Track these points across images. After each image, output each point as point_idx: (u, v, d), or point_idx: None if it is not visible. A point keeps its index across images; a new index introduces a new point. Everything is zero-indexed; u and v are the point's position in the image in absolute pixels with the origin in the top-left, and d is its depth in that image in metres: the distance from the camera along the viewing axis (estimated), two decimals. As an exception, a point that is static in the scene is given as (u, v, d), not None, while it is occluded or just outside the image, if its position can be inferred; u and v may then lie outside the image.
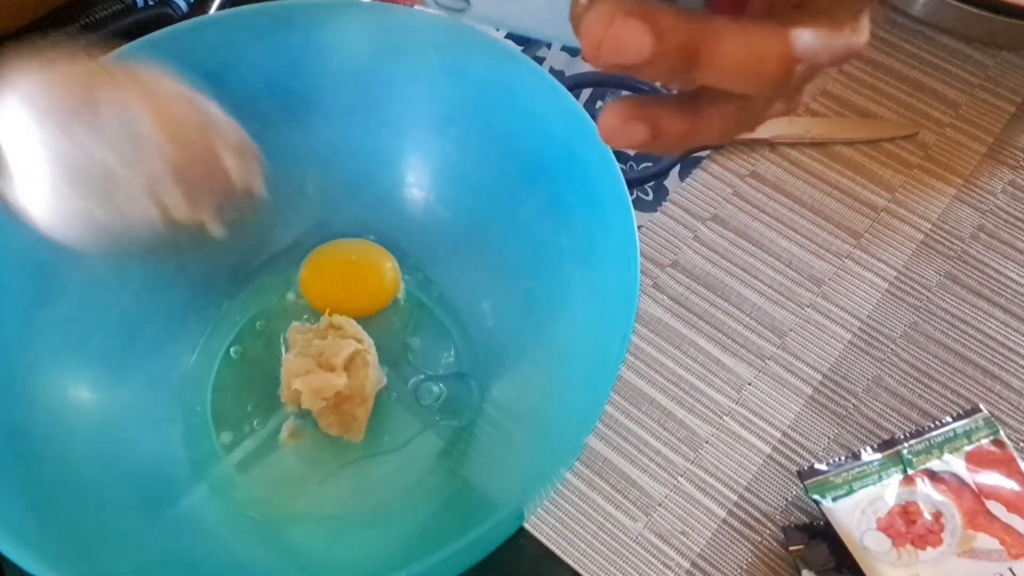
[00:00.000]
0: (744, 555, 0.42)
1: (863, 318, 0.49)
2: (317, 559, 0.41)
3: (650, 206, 0.52)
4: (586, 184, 0.41)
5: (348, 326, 0.44)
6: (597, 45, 0.21)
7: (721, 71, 0.21)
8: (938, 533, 0.40)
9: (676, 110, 0.23)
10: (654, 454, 0.44)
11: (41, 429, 0.39)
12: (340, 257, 0.49)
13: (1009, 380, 0.47)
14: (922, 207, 0.52)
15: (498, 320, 0.46)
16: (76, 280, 0.43)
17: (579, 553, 0.42)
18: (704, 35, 0.21)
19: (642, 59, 0.21)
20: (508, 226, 0.46)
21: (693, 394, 0.46)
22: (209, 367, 0.46)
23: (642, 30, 0.20)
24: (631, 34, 0.20)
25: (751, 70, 0.21)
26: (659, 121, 0.23)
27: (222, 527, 0.42)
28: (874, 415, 0.46)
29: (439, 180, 0.48)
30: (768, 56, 0.21)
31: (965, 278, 0.50)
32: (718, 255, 0.50)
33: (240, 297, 0.48)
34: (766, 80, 0.21)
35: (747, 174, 0.53)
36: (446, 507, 0.42)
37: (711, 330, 0.48)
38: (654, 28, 0.20)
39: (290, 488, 0.43)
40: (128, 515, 0.39)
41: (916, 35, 0.59)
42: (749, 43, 0.21)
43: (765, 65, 0.21)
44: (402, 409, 0.45)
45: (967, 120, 0.55)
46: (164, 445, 0.43)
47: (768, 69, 0.21)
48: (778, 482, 0.44)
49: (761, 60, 0.21)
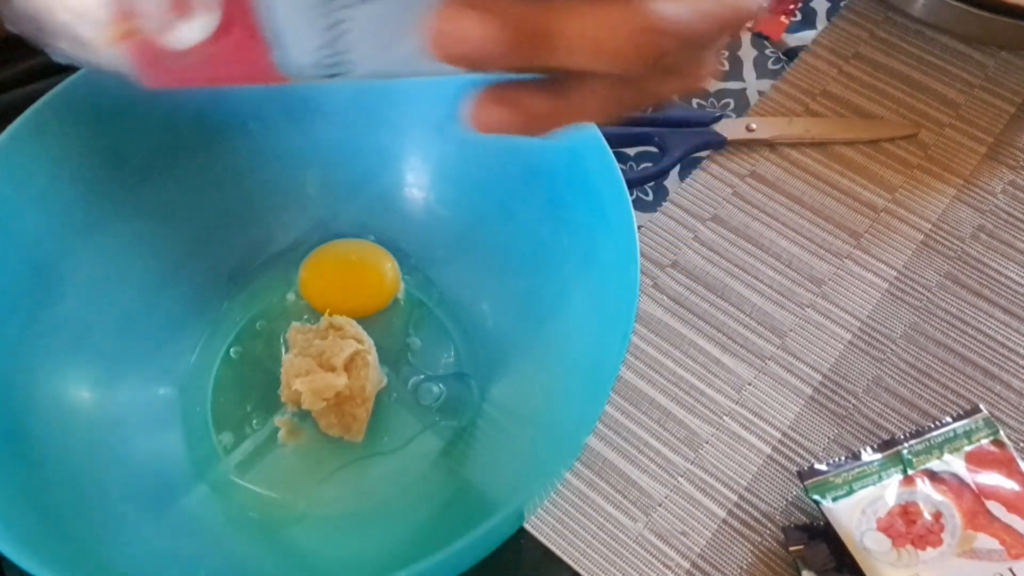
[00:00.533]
0: (744, 555, 0.42)
1: (863, 318, 0.49)
2: (317, 559, 0.41)
3: (650, 206, 0.52)
4: (586, 184, 0.41)
5: (348, 326, 0.44)
6: (440, 38, 0.20)
7: (574, 53, 0.20)
8: (938, 533, 0.40)
9: (542, 91, 0.22)
10: (654, 454, 0.44)
11: (41, 429, 0.39)
12: (340, 257, 0.49)
13: (1009, 380, 0.47)
14: (922, 207, 0.52)
15: (498, 320, 0.46)
16: (76, 280, 0.43)
17: (579, 553, 0.42)
18: (551, 16, 0.20)
19: (488, 49, 0.20)
20: (508, 226, 0.46)
21: (693, 394, 0.46)
22: (209, 367, 0.46)
23: (483, 18, 0.19)
24: (471, 24, 0.19)
25: (606, 49, 0.20)
26: (524, 103, 0.22)
27: (222, 527, 0.42)
28: (874, 415, 0.46)
29: (439, 180, 0.48)
30: (622, 32, 0.20)
31: (965, 278, 0.50)
32: (718, 255, 0.50)
33: (240, 297, 0.48)
34: (625, 58, 0.20)
35: (747, 174, 0.53)
36: (446, 507, 0.42)
37: (711, 330, 0.48)
38: (496, 15, 0.19)
39: (290, 488, 0.43)
40: (128, 515, 0.39)
41: (916, 35, 0.59)
42: (599, 20, 0.20)
43: (621, 42, 0.20)
44: (402, 409, 0.45)
45: (967, 120, 0.55)
46: (164, 445, 0.43)
47: (625, 46, 0.20)
48: (778, 482, 0.44)
49: (615, 37, 0.20)
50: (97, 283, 0.43)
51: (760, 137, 0.54)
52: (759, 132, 0.54)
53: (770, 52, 0.59)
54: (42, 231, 0.41)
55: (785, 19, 0.60)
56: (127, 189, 0.44)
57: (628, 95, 0.23)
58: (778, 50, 0.59)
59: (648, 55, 0.20)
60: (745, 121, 0.54)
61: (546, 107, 0.22)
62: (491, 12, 0.20)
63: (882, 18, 0.60)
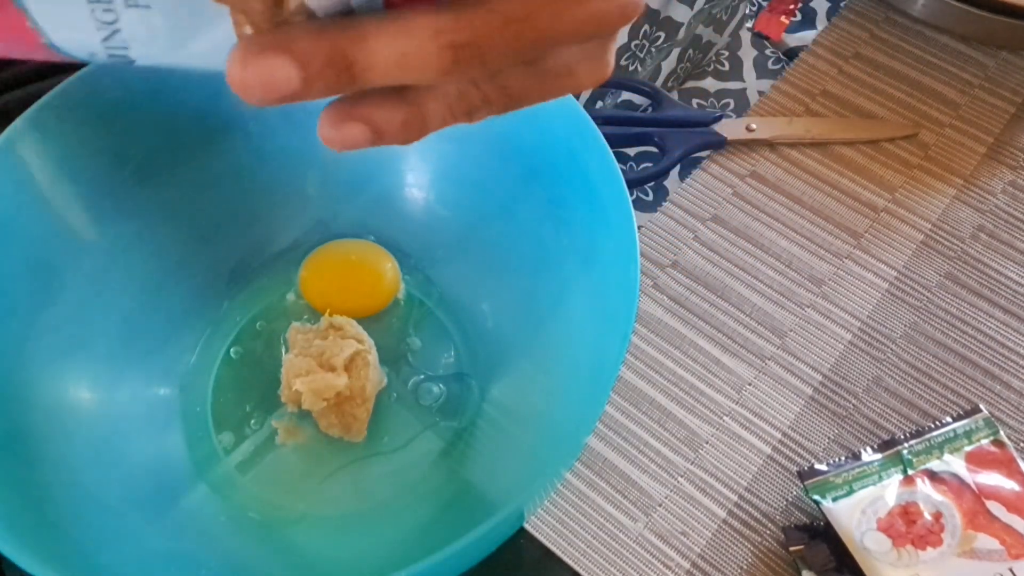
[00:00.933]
0: (744, 555, 0.42)
1: (863, 318, 0.49)
2: (317, 559, 0.41)
3: (650, 206, 0.52)
4: (586, 184, 0.41)
5: (348, 326, 0.44)
6: (245, 90, 0.19)
7: (383, 74, 0.19)
8: (938, 533, 0.40)
9: (390, 101, 0.21)
10: (654, 454, 0.44)
11: (41, 429, 0.39)
12: (340, 257, 0.49)
13: (1009, 380, 0.47)
14: (922, 207, 0.52)
15: (498, 320, 0.46)
16: (76, 280, 0.43)
17: (579, 553, 0.42)
18: (349, 44, 0.19)
19: (295, 88, 0.19)
20: (508, 226, 0.46)
21: (693, 394, 0.46)
22: (209, 367, 0.46)
23: (282, 61, 0.19)
24: (270, 70, 0.19)
25: (418, 66, 0.19)
26: (375, 118, 0.21)
27: (222, 527, 0.42)
28: (874, 415, 0.46)
29: (439, 180, 0.48)
30: (430, 47, 0.19)
31: (965, 278, 0.50)
32: (718, 255, 0.50)
33: (240, 297, 0.48)
34: (443, 69, 0.19)
35: (747, 174, 0.53)
36: (446, 507, 0.42)
37: (711, 330, 0.48)
38: (294, 56, 0.19)
39: (290, 488, 0.43)
40: (128, 515, 0.39)
41: (916, 35, 0.59)
42: (398, 37, 0.19)
43: (432, 57, 0.19)
44: (402, 409, 0.45)
45: (967, 120, 0.56)
46: (164, 445, 0.43)
47: (439, 59, 0.19)
48: (778, 482, 0.44)
49: (423, 53, 0.19)
50: (97, 283, 0.43)
51: (760, 137, 0.54)
52: (759, 132, 0.54)
53: (770, 52, 0.59)
54: (42, 231, 0.41)
55: (785, 19, 0.60)
56: (127, 189, 0.44)
57: (488, 91, 0.22)
58: (778, 50, 0.59)
59: (471, 62, 0.19)
60: (745, 121, 0.54)
61: (400, 117, 0.21)
62: (288, 52, 0.19)
63: (882, 18, 0.60)
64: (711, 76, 0.58)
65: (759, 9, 0.61)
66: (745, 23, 0.60)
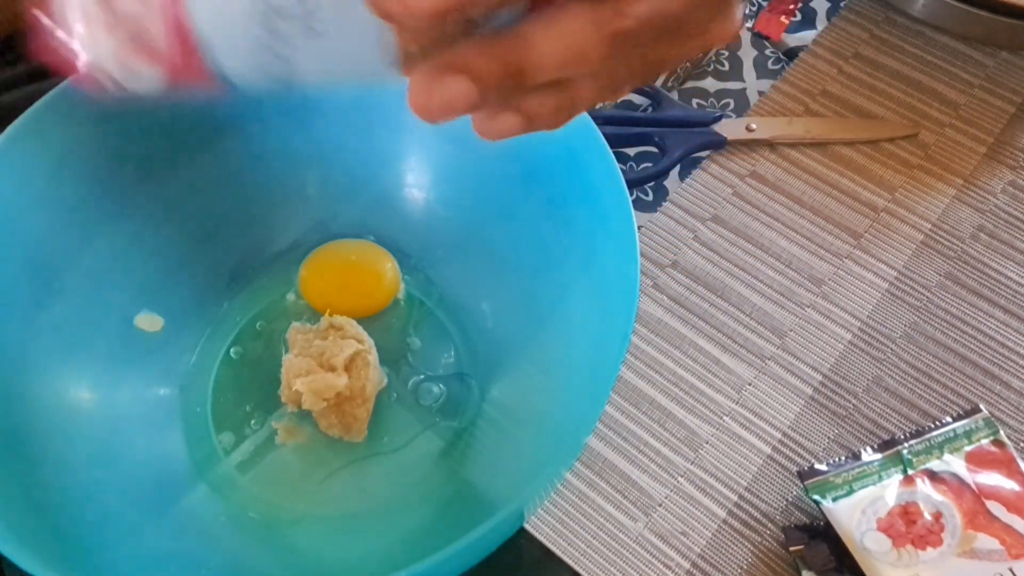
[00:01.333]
0: (744, 555, 0.42)
1: (863, 318, 0.49)
2: (317, 559, 0.41)
3: (650, 206, 0.52)
4: (586, 184, 0.41)
5: (348, 326, 0.44)
6: (430, 114, 0.21)
7: (552, 73, 0.21)
8: (938, 533, 0.40)
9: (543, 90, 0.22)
10: (654, 454, 0.44)
11: (41, 429, 0.39)
12: (340, 257, 0.49)
13: (1009, 380, 0.47)
14: (922, 207, 0.52)
15: (498, 320, 0.46)
16: (76, 280, 0.43)
17: (579, 553, 0.42)
18: (517, 52, 0.20)
19: (472, 103, 0.20)
20: (508, 226, 0.46)
21: (693, 394, 0.46)
22: (209, 367, 0.46)
23: (460, 81, 0.20)
24: (452, 92, 0.20)
25: (580, 59, 0.20)
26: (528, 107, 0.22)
27: (222, 527, 0.42)
28: (874, 415, 0.46)
29: (439, 180, 0.48)
30: (591, 40, 0.20)
31: (965, 278, 0.50)
32: (718, 255, 0.50)
33: (240, 297, 0.48)
34: (602, 55, 0.20)
35: (747, 174, 0.53)
36: (446, 507, 0.42)
37: (711, 330, 0.48)
38: (471, 74, 0.20)
39: (290, 488, 0.43)
40: (128, 515, 0.39)
41: (916, 35, 0.59)
42: (564, 37, 0.20)
43: (591, 48, 0.20)
44: (402, 409, 0.45)
45: (967, 120, 0.56)
46: (164, 445, 0.43)
47: (597, 49, 0.20)
48: (778, 482, 0.44)
49: (585, 46, 0.20)
50: (97, 283, 0.43)
51: (760, 137, 0.54)
52: (759, 132, 0.54)
53: (770, 52, 0.59)
54: (42, 231, 0.41)
55: (785, 19, 0.60)
56: (127, 189, 0.44)
57: (635, 66, 0.22)
58: (778, 50, 0.59)
59: (628, 44, 0.20)
60: (745, 121, 0.54)
61: (552, 103, 0.22)
62: (463, 70, 0.20)
63: (882, 18, 0.60)
64: (711, 76, 0.58)
65: (759, 9, 0.61)
66: (745, 23, 0.60)
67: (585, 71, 0.21)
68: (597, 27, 0.20)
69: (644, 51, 0.22)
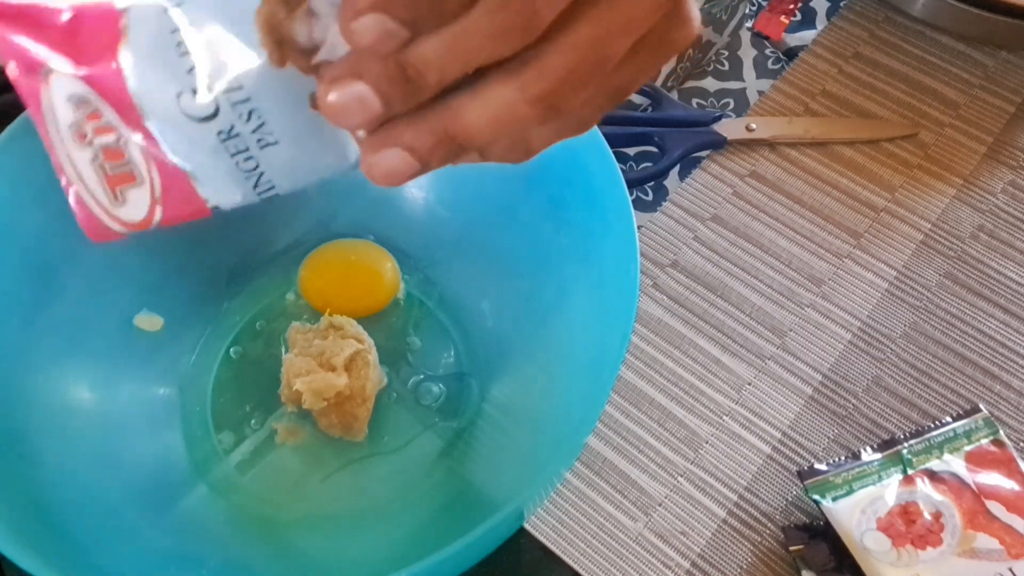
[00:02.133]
0: (744, 555, 0.42)
1: (863, 318, 0.49)
2: (317, 559, 0.41)
3: (650, 206, 0.52)
4: (586, 184, 0.41)
5: (348, 326, 0.44)
6: (377, 182, 0.22)
7: (487, 136, 0.21)
8: (938, 533, 0.40)
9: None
10: (654, 454, 0.44)
11: (41, 429, 0.39)
12: (340, 257, 0.49)
13: (1009, 380, 0.47)
14: (922, 207, 0.52)
15: (498, 320, 0.46)
16: (76, 280, 0.43)
17: (579, 553, 0.42)
18: (448, 123, 0.21)
19: (415, 171, 0.21)
20: (508, 226, 0.46)
21: (693, 394, 0.46)
22: (209, 367, 0.46)
23: (395, 155, 0.21)
24: (390, 163, 0.21)
25: (513, 122, 0.21)
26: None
27: (222, 527, 0.42)
28: (874, 415, 0.46)
29: (439, 180, 0.48)
30: (517, 106, 0.20)
31: (965, 278, 0.50)
32: (718, 255, 0.50)
33: (240, 297, 0.48)
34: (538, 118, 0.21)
35: (747, 174, 0.53)
36: (446, 507, 0.42)
37: (711, 330, 0.48)
38: (406, 147, 0.21)
39: (290, 488, 0.43)
40: (128, 515, 0.39)
41: (916, 35, 0.59)
42: (488, 106, 0.20)
43: (521, 113, 0.20)
44: (402, 409, 0.45)
45: (967, 120, 0.56)
46: (164, 445, 0.43)
47: (529, 112, 0.20)
48: (778, 482, 0.44)
49: (514, 112, 0.20)
50: (97, 283, 0.43)
51: (760, 137, 0.54)
52: (759, 132, 0.54)
53: (770, 52, 0.59)
54: (42, 231, 0.41)
55: (785, 19, 0.60)
56: (127, 189, 0.44)
57: (597, 102, 0.22)
58: (778, 50, 0.59)
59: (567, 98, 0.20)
60: (745, 121, 0.54)
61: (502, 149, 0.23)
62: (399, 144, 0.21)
63: (882, 18, 0.60)
64: (711, 76, 0.58)
65: (759, 9, 0.61)
66: (745, 23, 0.60)
67: (528, 128, 0.21)
68: (521, 93, 0.20)
69: (598, 86, 0.22)
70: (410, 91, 0.20)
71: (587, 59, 0.20)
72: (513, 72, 0.20)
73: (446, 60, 0.20)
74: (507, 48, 0.20)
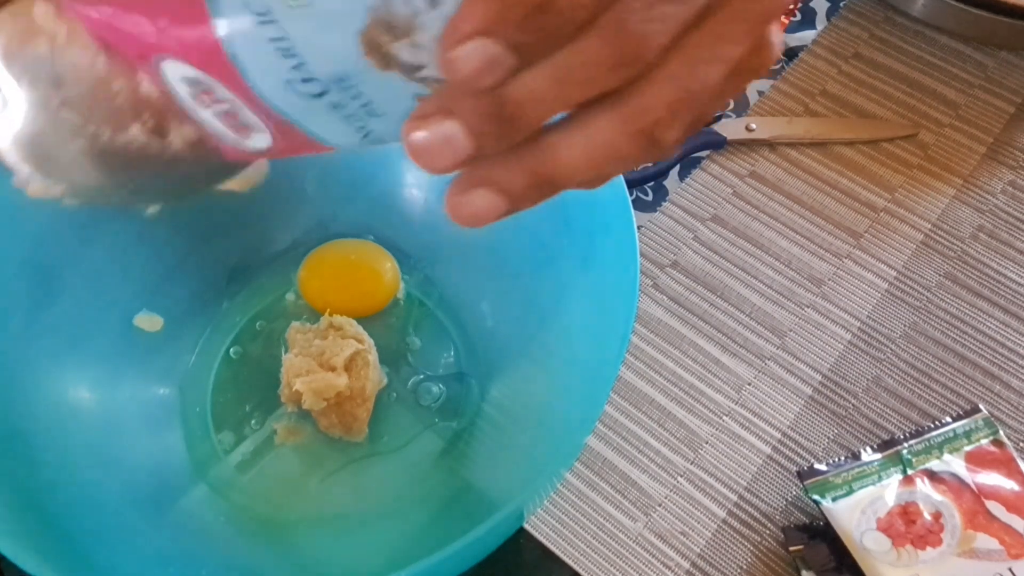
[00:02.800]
0: (744, 555, 0.42)
1: (863, 318, 0.49)
2: (317, 559, 0.41)
3: (650, 206, 0.52)
4: (586, 184, 0.41)
5: (348, 326, 0.44)
6: (462, 223, 0.21)
7: (584, 174, 0.20)
8: (938, 533, 0.40)
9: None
10: (654, 454, 0.44)
11: (41, 429, 0.39)
12: (340, 257, 0.49)
13: (1009, 380, 0.47)
14: (922, 207, 0.52)
15: (498, 320, 0.46)
16: (76, 280, 0.43)
17: (579, 553, 0.42)
18: (543, 164, 0.20)
19: (503, 213, 0.21)
20: (508, 226, 0.45)
21: (693, 394, 0.46)
22: (209, 367, 0.46)
23: (485, 196, 0.20)
24: (479, 205, 0.21)
25: (612, 158, 0.20)
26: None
27: (222, 527, 0.42)
28: (874, 415, 0.46)
29: (439, 180, 0.48)
30: (617, 141, 0.19)
31: (965, 278, 0.50)
32: (718, 255, 0.50)
33: (240, 297, 0.48)
34: (638, 154, 0.20)
35: (747, 174, 0.53)
36: (446, 507, 0.42)
37: (711, 330, 0.48)
38: (497, 187, 0.20)
39: (290, 488, 0.43)
40: (128, 515, 0.39)
41: (916, 35, 0.59)
42: (588, 143, 0.20)
43: (620, 148, 0.20)
44: (402, 409, 0.45)
45: (967, 120, 0.55)
46: (164, 445, 0.43)
47: (629, 147, 0.20)
48: (778, 482, 0.44)
49: (613, 147, 0.20)
50: (97, 283, 0.43)
51: (760, 137, 0.54)
52: (759, 132, 0.54)
53: (770, 52, 0.59)
54: (42, 231, 0.41)
55: (785, 19, 0.60)
56: (127, 189, 0.44)
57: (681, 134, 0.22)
58: (778, 50, 0.59)
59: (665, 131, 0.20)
60: (745, 121, 0.54)
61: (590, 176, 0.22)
62: (491, 185, 0.20)
63: (882, 18, 0.60)
64: (711, 76, 0.58)
65: (759, 9, 0.61)
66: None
67: (626, 163, 0.21)
68: (624, 125, 0.19)
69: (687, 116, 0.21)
70: (505, 131, 0.19)
71: (687, 89, 0.19)
72: (614, 106, 0.19)
73: (551, 95, 0.18)
74: (618, 80, 0.19)
